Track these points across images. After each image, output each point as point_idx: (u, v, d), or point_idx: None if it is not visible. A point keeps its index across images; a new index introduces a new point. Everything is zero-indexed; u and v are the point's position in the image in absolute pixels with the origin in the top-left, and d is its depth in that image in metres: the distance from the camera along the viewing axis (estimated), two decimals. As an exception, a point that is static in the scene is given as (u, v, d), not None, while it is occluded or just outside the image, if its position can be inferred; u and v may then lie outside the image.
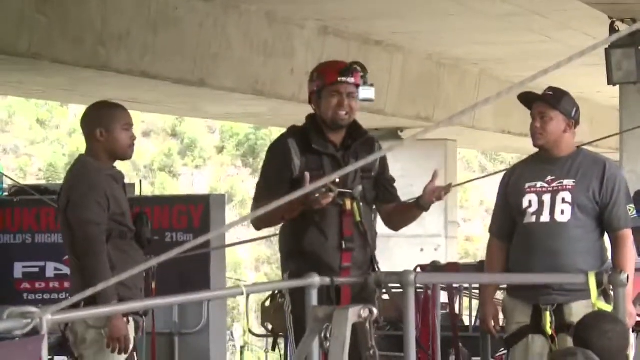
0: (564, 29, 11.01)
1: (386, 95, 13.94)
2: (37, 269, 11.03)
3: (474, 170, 31.72)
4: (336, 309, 4.47)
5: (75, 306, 5.81)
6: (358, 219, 5.89)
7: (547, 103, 6.08)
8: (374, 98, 6.05)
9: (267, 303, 5.97)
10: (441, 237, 16.39)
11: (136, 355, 6.06)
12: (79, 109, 30.28)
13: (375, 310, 4.45)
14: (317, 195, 5.63)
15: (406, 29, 12.90)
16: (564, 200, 5.97)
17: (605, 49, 10.02)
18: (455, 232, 16.95)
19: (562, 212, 5.96)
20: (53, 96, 14.80)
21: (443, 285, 6.81)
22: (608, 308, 5.45)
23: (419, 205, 5.91)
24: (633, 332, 7.05)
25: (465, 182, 18.49)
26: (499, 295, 6.66)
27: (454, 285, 7.05)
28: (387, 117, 14.08)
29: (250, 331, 7.76)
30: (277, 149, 6.05)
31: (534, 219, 5.98)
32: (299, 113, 6.71)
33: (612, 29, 9.90)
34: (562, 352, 4.50)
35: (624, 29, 9.91)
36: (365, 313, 4.34)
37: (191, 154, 32.13)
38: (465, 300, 10.27)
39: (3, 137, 30.87)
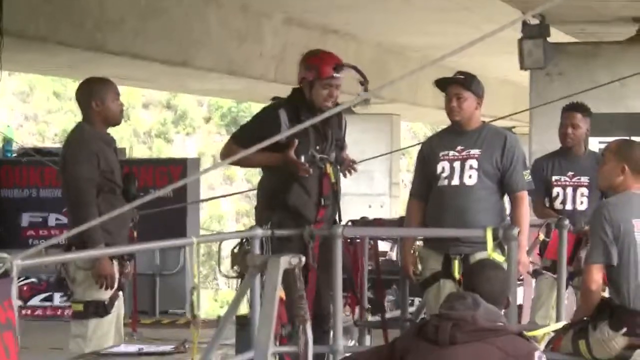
0: (488, 22, 10.95)
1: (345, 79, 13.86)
2: (40, 219, 11.04)
3: (419, 140, 31.67)
4: (270, 257, 4.43)
5: (68, 250, 5.81)
6: (333, 180, 5.94)
7: (462, 85, 6.06)
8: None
9: (236, 250, 5.92)
10: (386, 196, 16.39)
11: (122, 294, 6.02)
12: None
13: (303, 258, 4.41)
14: (305, 165, 5.78)
15: (359, 21, 12.85)
16: (471, 167, 5.96)
17: (518, 40, 10.09)
18: (399, 192, 16.94)
19: (470, 176, 5.95)
20: (59, 73, 14.70)
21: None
22: (501, 258, 5.45)
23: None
24: (533, 277, 7.09)
25: (402, 149, 18.49)
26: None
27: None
28: (342, 94, 14.01)
29: (220, 272, 7.76)
30: (267, 117, 5.99)
31: (446, 182, 5.97)
32: (267, 90, 6.79)
33: (524, 22, 9.95)
34: (455, 295, 4.49)
35: (534, 22, 9.99)
36: (294, 261, 4.31)
37: (183, 123, 32.13)
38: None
39: (25, 106, 30.75)
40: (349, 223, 6.15)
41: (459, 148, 5.99)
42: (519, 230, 5.63)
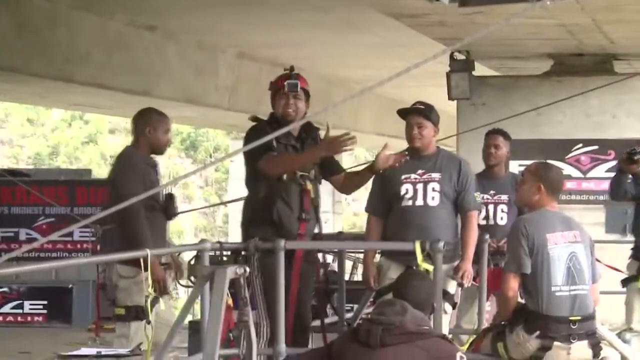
0: (421, 57, 11.03)
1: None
2: (12, 234, 10.91)
3: (359, 162, 31.79)
4: (217, 267, 4.40)
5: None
6: (312, 196, 5.86)
7: (422, 115, 6.09)
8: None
9: (192, 262, 5.85)
10: (329, 213, 16.38)
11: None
12: (60, 112, 29.92)
13: (247, 269, 4.39)
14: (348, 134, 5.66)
15: (305, 55, 12.88)
16: (433, 189, 5.99)
17: (447, 73, 10.16)
18: (342, 209, 16.96)
19: (433, 198, 5.99)
20: (32, 101, 14.56)
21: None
22: (430, 267, 5.45)
23: (372, 169, 5.94)
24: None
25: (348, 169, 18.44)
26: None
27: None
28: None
29: (178, 282, 7.68)
30: (261, 133, 5.59)
31: (410, 202, 5.98)
32: (222, 117, 6.75)
33: (452, 58, 10.04)
34: (385, 302, 4.50)
35: (461, 58, 10.08)
36: (240, 271, 4.29)
37: (146, 147, 31.96)
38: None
39: (0, 132, 30.44)
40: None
41: (419, 171, 6.02)
42: (467, 244, 5.75)
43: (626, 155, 7.52)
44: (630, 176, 7.59)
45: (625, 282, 7.67)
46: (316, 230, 6.00)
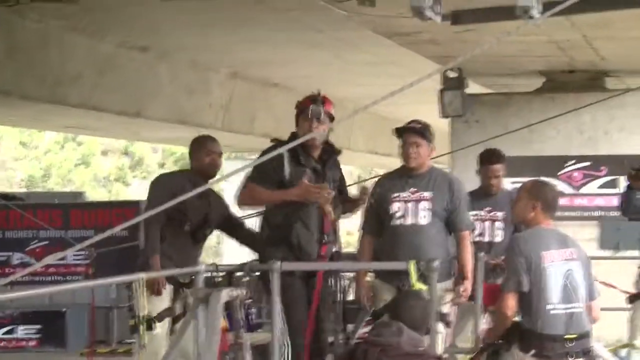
0: (413, 75, 11.04)
1: (282, 124, 13.92)
2: (5, 258, 10.86)
3: (354, 180, 31.80)
4: (212, 290, 4.38)
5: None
6: (333, 217, 5.83)
7: (419, 134, 6.07)
8: None
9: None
10: (323, 232, 16.29)
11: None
12: (53, 134, 29.90)
13: (242, 292, 4.37)
14: (324, 194, 5.65)
15: (297, 74, 12.89)
16: (424, 208, 5.97)
17: (439, 91, 10.17)
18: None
19: (424, 216, 5.97)
20: (23, 124, 14.54)
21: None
22: (424, 287, 5.43)
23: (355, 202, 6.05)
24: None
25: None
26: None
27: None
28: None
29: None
30: (276, 156, 5.67)
31: (400, 221, 5.96)
32: (216, 137, 6.68)
33: (444, 76, 10.04)
34: (382, 323, 4.49)
35: (453, 75, 10.09)
36: (235, 293, 4.26)
37: (139, 168, 31.96)
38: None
39: (-7, 155, 30.43)
40: None
41: (411, 190, 6.00)
42: (465, 264, 5.76)
43: (634, 172, 7.53)
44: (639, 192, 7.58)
45: (632, 299, 7.64)
46: (334, 249, 5.97)
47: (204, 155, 6.23)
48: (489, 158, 7.40)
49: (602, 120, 10.60)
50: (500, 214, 7.26)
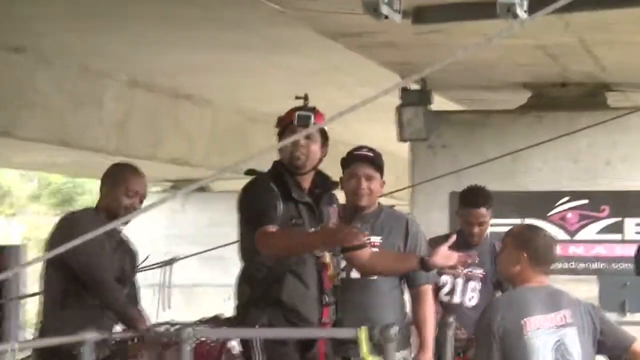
0: (363, 85, 11.14)
1: (195, 147, 13.95)
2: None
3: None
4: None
5: None
6: (331, 271, 5.58)
7: (373, 165, 6.07)
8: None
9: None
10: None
11: None
12: None
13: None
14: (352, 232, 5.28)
15: (216, 85, 12.93)
16: None
17: (397, 107, 10.15)
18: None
19: None
20: None
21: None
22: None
23: (423, 265, 5.74)
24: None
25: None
26: None
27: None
28: (194, 167, 14.12)
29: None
30: (267, 190, 5.47)
31: (344, 274, 5.87)
32: (107, 164, 6.66)
33: (403, 88, 10.02)
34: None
35: (414, 87, 10.10)
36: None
37: (6, 202, 31.63)
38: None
39: None
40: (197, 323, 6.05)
41: None
42: (424, 329, 5.82)
43: None
44: None
45: None
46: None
47: (121, 195, 6.04)
48: (473, 200, 7.34)
49: (602, 147, 10.72)
50: (478, 272, 7.27)
